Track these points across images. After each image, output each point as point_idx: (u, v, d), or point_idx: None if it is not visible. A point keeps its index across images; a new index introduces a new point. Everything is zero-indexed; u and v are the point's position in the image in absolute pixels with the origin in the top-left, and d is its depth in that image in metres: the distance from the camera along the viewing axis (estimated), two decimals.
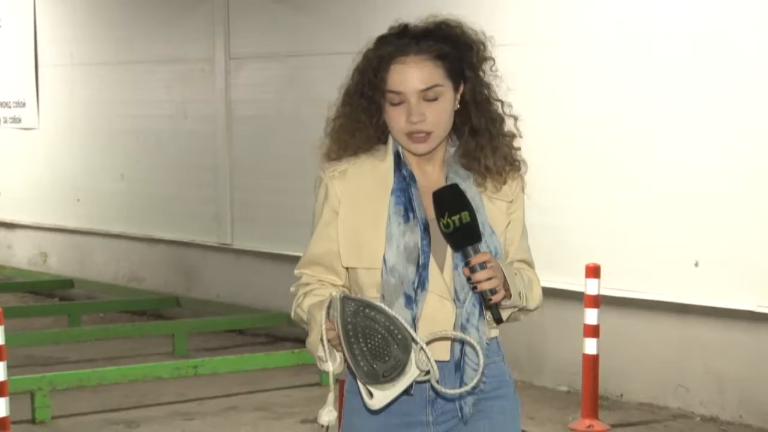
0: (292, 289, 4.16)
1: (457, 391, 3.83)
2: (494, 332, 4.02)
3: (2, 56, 17.67)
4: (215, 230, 14.44)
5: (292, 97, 13.56)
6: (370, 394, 3.73)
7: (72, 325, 14.05)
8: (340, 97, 4.08)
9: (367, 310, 3.69)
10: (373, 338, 3.69)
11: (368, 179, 3.95)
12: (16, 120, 17.55)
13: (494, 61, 3.98)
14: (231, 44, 14.19)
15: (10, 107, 17.62)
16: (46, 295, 16.25)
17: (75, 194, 16.59)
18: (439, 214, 3.76)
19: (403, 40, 3.86)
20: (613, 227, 9.91)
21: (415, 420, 3.98)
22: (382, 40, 3.93)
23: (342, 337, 3.67)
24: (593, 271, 9.25)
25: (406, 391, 3.83)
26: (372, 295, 3.92)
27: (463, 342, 3.85)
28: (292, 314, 4.14)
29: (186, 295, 14.68)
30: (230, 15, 14.14)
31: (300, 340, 12.58)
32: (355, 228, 3.92)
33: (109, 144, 16.02)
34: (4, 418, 7.72)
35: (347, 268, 4.01)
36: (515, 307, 3.89)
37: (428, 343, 3.73)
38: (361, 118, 3.93)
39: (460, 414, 3.94)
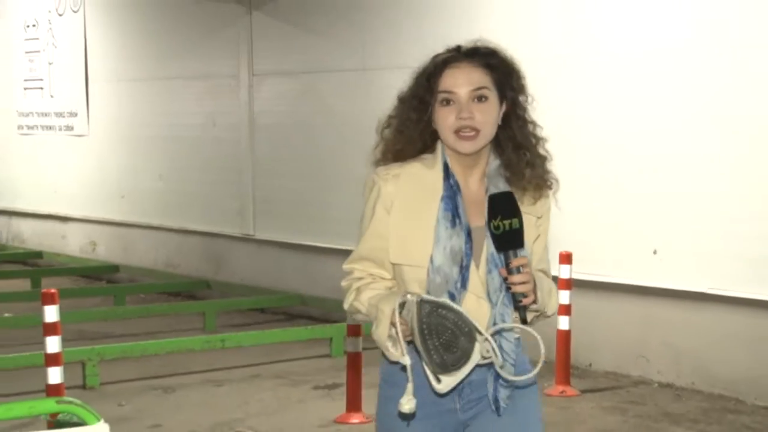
0: (343, 283, 3.99)
1: (521, 378, 3.77)
2: (529, 317, 3.86)
3: (58, 73, 17.63)
4: (239, 223, 14.43)
5: (306, 109, 13.54)
6: (438, 380, 3.64)
7: (117, 305, 14.06)
8: (396, 103, 3.92)
9: (440, 310, 3.62)
10: (444, 334, 3.61)
11: (419, 185, 3.82)
12: (69, 128, 17.52)
13: (533, 97, 3.90)
14: (254, 62, 14.16)
15: (64, 117, 17.58)
16: (95, 279, 16.24)
17: (120, 192, 16.56)
18: (492, 217, 3.70)
19: (457, 54, 3.79)
20: (585, 220, 9.89)
21: (444, 408, 3.85)
22: (437, 55, 3.83)
23: (418, 336, 3.61)
24: (566, 258, 9.29)
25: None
26: (414, 289, 3.79)
27: (495, 340, 3.70)
28: (346, 306, 3.94)
29: (215, 279, 14.66)
30: (253, 37, 14.11)
31: (312, 318, 12.64)
32: (404, 228, 3.81)
33: (148, 149, 15.99)
34: (59, 385, 7.72)
35: (393, 264, 3.89)
36: (538, 311, 3.83)
37: (493, 334, 3.67)
38: (416, 121, 3.80)
39: (494, 407, 3.83)
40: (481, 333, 3.62)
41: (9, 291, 14.70)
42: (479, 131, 3.69)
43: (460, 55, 3.76)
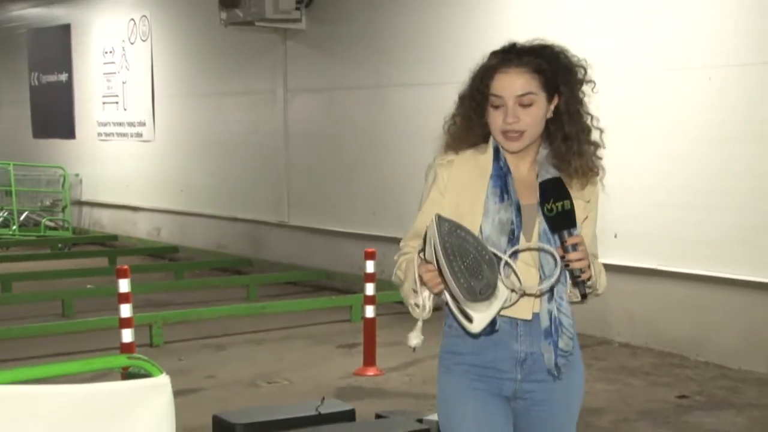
0: (395, 257, 3.71)
1: (542, 286, 3.40)
2: (574, 298, 3.56)
3: (130, 90, 17.66)
4: (276, 212, 14.41)
5: (330, 119, 13.53)
6: (470, 319, 3.27)
7: (177, 279, 14.06)
8: (457, 99, 3.62)
9: (458, 231, 3.27)
10: (467, 257, 3.23)
11: (471, 167, 3.57)
12: (139, 135, 17.53)
13: (595, 83, 3.61)
14: (288, 81, 14.13)
15: (134, 126, 17.60)
16: (159, 257, 16.23)
17: (179, 187, 16.56)
18: (544, 200, 3.43)
19: (508, 55, 3.47)
20: None
21: (507, 377, 3.51)
22: (493, 54, 3.52)
23: (442, 255, 3.21)
24: None
25: (493, 323, 3.39)
26: None
27: (551, 312, 3.46)
28: (393, 277, 3.64)
29: (256, 258, 14.64)
30: (287, 61, 14.07)
31: (335, 289, 12.64)
32: (457, 205, 3.53)
33: (202, 152, 15.99)
34: (130, 343, 7.71)
35: None
36: (591, 288, 3.50)
37: (512, 255, 3.34)
38: (472, 117, 3.54)
39: (556, 371, 3.49)
40: (500, 258, 3.29)
41: (90, 267, 14.76)
42: (524, 132, 3.45)
43: (511, 57, 3.45)
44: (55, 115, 19.90)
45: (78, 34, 18.94)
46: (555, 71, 3.47)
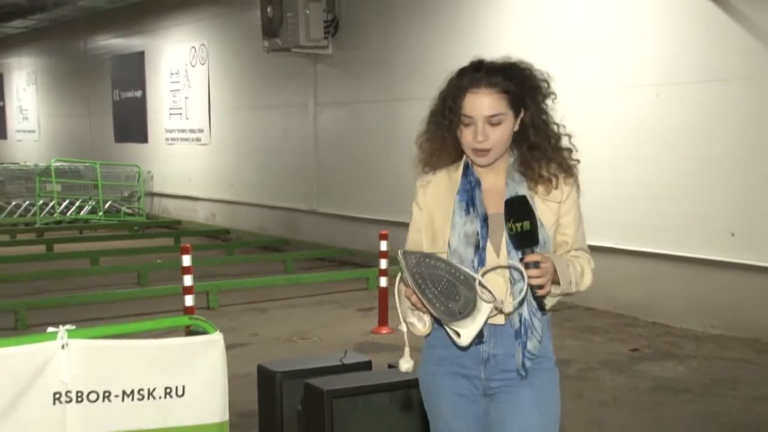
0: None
1: (515, 302, 3.00)
2: (551, 302, 3.13)
3: (191, 104, 17.68)
4: (308, 202, 14.40)
5: (351, 127, 13.53)
6: (458, 334, 2.95)
7: (228, 255, 14.04)
8: (428, 116, 3.30)
9: (427, 260, 2.96)
10: (440, 282, 2.92)
11: (443, 186, 3.22)
12: (198, 139, 17.55)
13: (555, 95, 3.23)
14: (317, 96, 14.11)
15: (194, 132, 17.63)
16: (214, 238, 16.23)
17: (230, 181, 16.59)
18: (507, 219, 2.98)
19: (477, 74, 3.11)
20: None
21: (471, 373, 3.14)
22: (461, 72, 3.18)
23: (414, 286, 2.94)
24: None
25: (481, 331, 3.04)
26: None
27: (521, 316, 3.08)
28: (396, 295, 3.24)
29: (292, 238, 14.60)
30: (317, 80, 14.06)
31: (355, 264, 12.61)
32: (432, 222, 3.20)
33: (248, 153, 16.01)
34: (191, 307, 7.72)
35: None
36: (563, 293, 3.06)
37: (483, 274, 2.96)
38: (445, 135, 3.19)
39: (523, 371, 3.08)
40: (473, 277, 2.94)
41: (160, 245, 14.80)
42: (491, 149, 3.09)
43: (480, 77, 3.10)
44: (132, 124, 19.98)
45: (150, 59, 18.97)
46: (521, 89, 3.13)
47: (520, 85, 3.11)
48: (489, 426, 3.19)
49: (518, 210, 2.97)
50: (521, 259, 2.95)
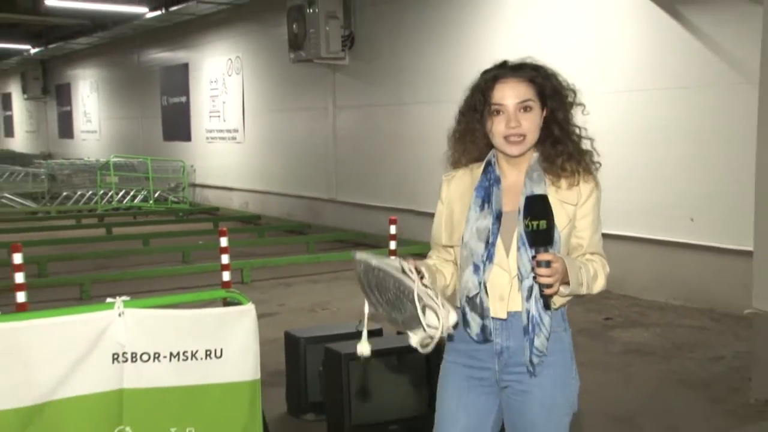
0: None
1: (450, 329, 2.44)
2: (560, 302, 2.82)
3: (228, 108, 17.63)
4: (328, 191, 14.38)
5: (366, 128, 13.49)
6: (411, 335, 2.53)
7: (259, 237, 14.05)
8: (457, 114, 2.95)
9: (374, 271, 2.55)
10: (387, 292, 2.52)
11: (466, 181, 2.89)
12: (233, 138, 17.52)
13: (584, 106, 2.96)
14: (336, 101, 14.10)
15: (231, 132, 17.61)
16: (247, 222, 16.22)
17: (261, 173, 16.62)
18: (525, 215, 2.63)
19: (504, 69, 2.84)
20: None
21: (486, 366, 2.80)
22: (486, 71, 2.88)
23: (362, 288, 2.64)
24: None
25: (450, 338, 2.76)
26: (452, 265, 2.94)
27: (528, 312, 2.72)
28: None
29: (314, 223, 14.60)
30: (335, 86, 14.04)
31: (368, 245, 12.49)
32: (451, 215, 2.90)
33: (277, 149, 15.99)
34: (228, 281, 7.69)
35: (446, 246, 2.94)
36: (573, 294, 2.76)
37: (423, 307, 2.43)
38: (476, 127, 2.85)
39: (531, 367, 2.74)
40: (411, 280, 2.45)
41: (201, 229, 14.76)
42: (525, 136, 2.77)
43: (507, 70, 2.84)
44: (177, 125, 19.96)
45: (193, 69, 18.95)
46: (547, 86, 2.85)
47: (546, 79, 2.84)
48: (504, 421, 2.89)
49: (537, 208, 2.65)
50: (533, 257, 2.65)
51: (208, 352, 2.97)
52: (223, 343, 2.98)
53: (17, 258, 6.51)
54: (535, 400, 2.79)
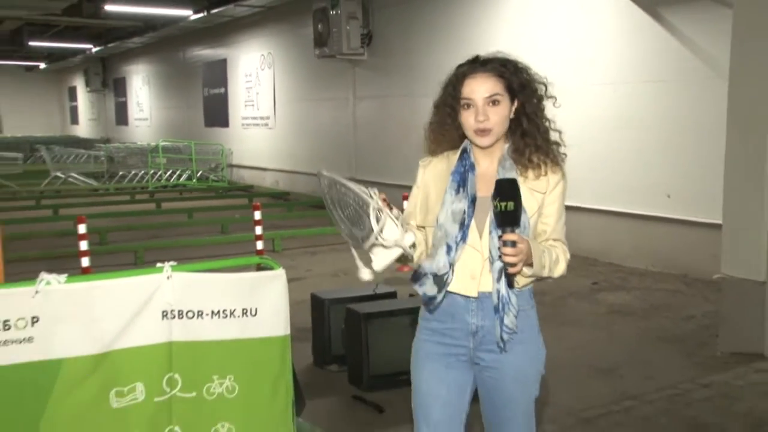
0: None
1: (411, 249, 2.46)
2: (523, 282, 2.63)
3: (261, 98, 17.61)
4: (349, 171, 14.30)
5: (381, 116, 13.47)
6: (362, 268, 2.55)
7: (289, 211, 13.98)
8: (432, 107, 2.81)
9: (337, 186, 2.44)
10: (347, 208, 2.43)
11: (442, 167, 2.71)
12: (266, 124, 17.53)
13: (556, 98, 2.75)
14: (356, 91, 14.08)
15: (263, 119, 17.61)
16: (278, 198, 16.21)
17: (290, 155, 16.60)
18: (495, 196, 2.43)
19: (474, 64, 2.65)
20: None
21: (461, 344, 2.62)
22: (459, 66, 2.71)
23: (326, 205, 2.51)
24: None
25: (403, 260, 2.61)
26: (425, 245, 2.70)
27: (498, 292, 2.53)
28: None
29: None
30: (355, 79, 14.01)
31: None
32: (427, 199, 2.72)
33: (304, 134, 16.00)
34: (261, 250, 7.75)
35: (420, 228, 2.74)
36: (536, 276, 2.59)
37: (378, 214, 2.35)
38: (447, 121, 2.70)
39: (502, 343, 2.56)
40: (370, 196, 2.37)
41: (237, 204, 14.76)
42: (492, 129, 2.58)
43: (477, 66, 2.64)
44: (217, 113, 19.98)
45: (231, 64, 18.93)
46: (515, 77, 2.64)
47: (515, 73, 2.64)
48: (479, 395, 2.73)
49: (506, 190, 2.47)
50: (500, 237, 2.46)
51: (245, 311, 2.98)
52: (257, 303, 2.99)
53: (82, 228, 6.58)
54: (508, 376, 2.63)
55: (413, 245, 2.43)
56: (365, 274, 2.55)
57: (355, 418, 4.67)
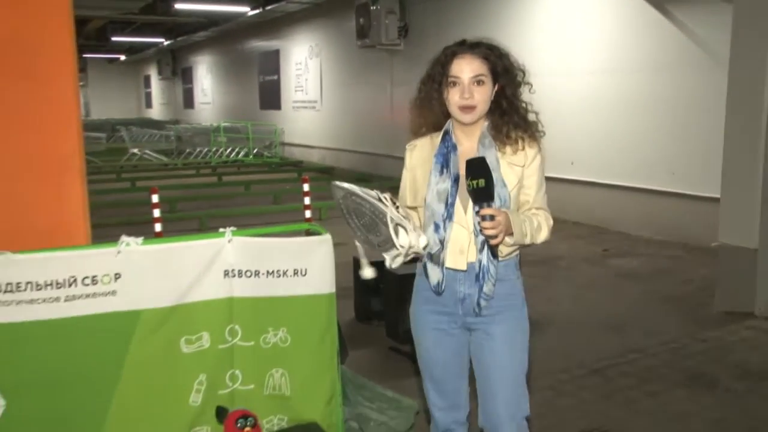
0: None
1: (427, 249, 2.43)
2: (509, 252, 2.50)
3: (309, 83, 17.57)
4: (386, 148, 14.25)
5: None
6: (366, 266, 2.48)
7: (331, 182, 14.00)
8: (419, 84, 2.66)
9: (353, 197, 2.31)
10: (363, 217, 2.31)
11: (427, 149, 2.58)
12: (313, 107, 17.48)
13: (531, 85, 2.57)
14: (393, 78, 14.00)
15: (311, 102, 17.57)
16: (324, 173, 16.20)
17: (335, 134, 16.57)
18: (466, 176, 2.31)
19: (463, 46, 2.54)
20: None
21: (451, 311, 2.51)
22: (447, 47, 2.60)
23: (341, 213, 2.40)
24: None
25: (416, 260, 2.55)
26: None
27: (480, 262, 2.43)
28: None
29: (375, 173, 14.53)
30: (393, 67, 13.92)
31: None
32: (414, 180, 2.60)
33: (348, 116, 15.94)
34: (309, 218, 7.76)
35: (411, 208, 2.61)
36: (518, 244, 2.43)
37: (396, 227, 2.24)
38: (433, 96, 2.55)
39: (477, 309, 2.47)
40: (385, 205, 2.26)
41: (288, 177, 14.78)
42: (476, 107, 2.46)
43: (466, 47, 2.53)
44: (270, 97, 19.98)
45: (283, 54, 18.90)
46: (499, 61, 2.51)
47: (499, 58, 2.51)
48: (472, 364, 2.61)
49: (476, 169, 2.32)
50: (477, 212, 2.34)
51: (296, 271, 3.01)
52: (306, 264, 3.02)
53: (155, 198, 6.65)
54: (497, 340, 2.51)
55: (426, 246, 2.35)
56: (368, 273, 2.49)
57: (392, 366, 4.71)
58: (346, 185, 2.32)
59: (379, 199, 2.28)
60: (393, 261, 2.31)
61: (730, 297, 5.70)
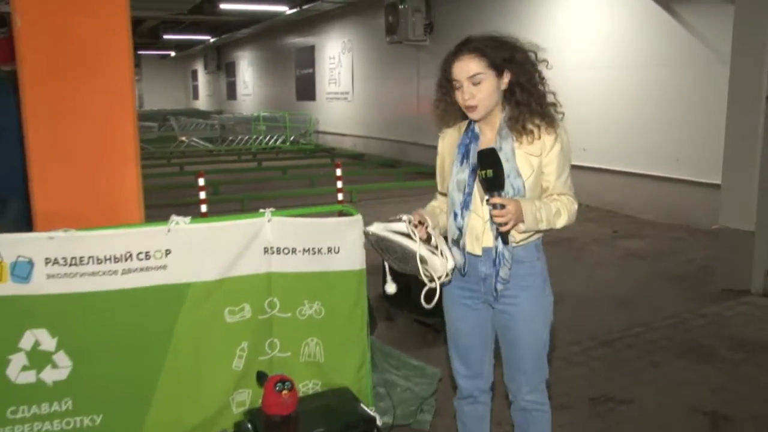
0: None
1: (449, 278, 2.39)
2: (523, 237, 2.44)
3: (342, 77, 17.45)
4: (412, 136, 14.23)
5: None
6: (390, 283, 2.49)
7: (363, 169, 13.90)
8: (435, 86, 2.54)
9: (383, 242, 2.38)
10: (395, 253, 2.35)
11: (454, 138, 2.53)
12: (346, 98, 17.42)
13: (547, 61, 2.44)
14: (419, 72, 13.91)
15: (344, 94, 17.48)
16: (354, 159, 16.18)
17: (364, 124, 16.52)
18: (477, 167, 2.31)
19: (460, 46, 2.43)
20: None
21: (475, 288, 2.49)
22: (452, 49, 2.49)
23: (375, 250, 2.44)
24: None
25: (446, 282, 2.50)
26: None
27: (496, 248, 2.39)
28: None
29: (403, 160, 14.50)
30: (419, 62, 13.83)
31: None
32: (443, 168, 2.57)
33: (377, 106, 15.87)
34: (342, 200, 7.71)
35: (445, 194, 2.56)
36: (532, 230, 2.38)
37: (423, 263, 2.30)
38: (446, 99, 2.49)
39: (495, 293, 2.44)
40: (414, 240, 2.33)
41: (322, 163, 14.73)
42: (477, 105, 2.36)
43: (463, 47, 2.42)
44: (306, 89, 19.95)
45: (318, 49, 18.86)
46: (497, 53, 2.36)
47: (496, 50, 2.36)
48: (497, 335, 2.60)
49: (486, 159, 2.28)
50: (488, 200, 2.29)
51: (329, 248, 3.03)
52: (339, 242, 3.04)
53: (201, 181, 6.71)
54: (518, 316, 2.48)
55: (454, 267, 2.34)
56: (391, 288, 2.49)
57: (417, 337, 4.73)
58: (378, 232, 2.38)
59: (409, 233, 2.32)
60: (430, 281, 2.35)
61: (729, 276, 5.71)
